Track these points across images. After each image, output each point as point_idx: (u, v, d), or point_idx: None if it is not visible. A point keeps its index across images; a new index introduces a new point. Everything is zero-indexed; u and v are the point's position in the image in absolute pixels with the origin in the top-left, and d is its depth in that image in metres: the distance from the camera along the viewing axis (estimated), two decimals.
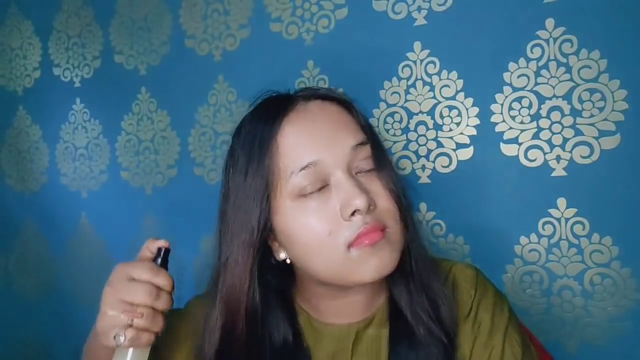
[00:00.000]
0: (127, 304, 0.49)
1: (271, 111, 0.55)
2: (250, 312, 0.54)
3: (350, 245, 0.49)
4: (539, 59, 0.80)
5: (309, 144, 0.52)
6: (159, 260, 0.55)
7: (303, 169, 0.51)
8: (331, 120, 0.54)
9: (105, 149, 1.22)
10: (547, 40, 0.79)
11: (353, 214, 0.49)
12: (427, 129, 0.87)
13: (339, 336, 0.57)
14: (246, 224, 0.52)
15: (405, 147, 0.89)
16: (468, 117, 0.84)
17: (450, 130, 0.86)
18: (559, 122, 0.79)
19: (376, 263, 0.50)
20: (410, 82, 0.88)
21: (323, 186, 0.51)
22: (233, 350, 0.54)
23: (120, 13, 1.19)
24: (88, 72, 1.23)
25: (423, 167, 0.88)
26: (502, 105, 0.82)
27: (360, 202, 0.49)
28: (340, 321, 0.58)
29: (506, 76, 0.82)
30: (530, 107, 0.80)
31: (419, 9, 0.88)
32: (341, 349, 0.57)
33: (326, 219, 0.50)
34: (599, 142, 0.76)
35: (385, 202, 0.52)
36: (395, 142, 0.90)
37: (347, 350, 0.57)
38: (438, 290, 0.55)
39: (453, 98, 0.85)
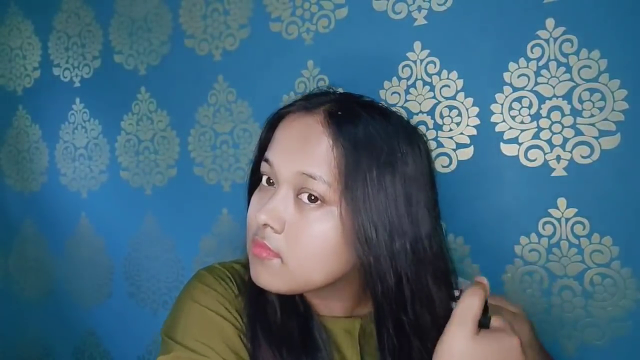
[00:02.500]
0: None
1: (286, 106, 0.57)
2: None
3: (252, 243, 0.53)
4: (539, 59, 0.80)
5: (277, 146, 0.53)
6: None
7: (265, 160, 0.53)
8: (301, 133, 0.52)
9: (105, 149, 1.22)
10: (547, 40, 0.79)
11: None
12: (427, 129, 0.87)
13: (345, 328, 0.58)
14: None
15: None
16: (468, 117, 0.84)
17: (450, 130, 0.86)
18: (559, 122, 0.79)
19: (255, 274, 0.52)
20: (410, 82, 0.88)
21: (274, 183, 0.54)
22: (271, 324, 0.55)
23: (120, 13, 1.19)
24: (88, 72, 1.23)
25: None
26: (502, 105, 0.82)
27: (257, 217, 0.50)
28: (340, 315, 0.58)
29: (506, 76, 0.82)
30: (530, 107, 0.80)
31: (419, 9, 0.88)
32: (349, 342, 0.57)
33: (256, 206, 0.53)
34: (599, 142, 0.76)
35: (294, 238, 0.50)
36: None
37: (355, 343, 0.57)
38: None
39: (453, 98, 0.85)
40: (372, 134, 0.50)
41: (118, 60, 1.19)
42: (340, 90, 0.60)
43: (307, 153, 0.50)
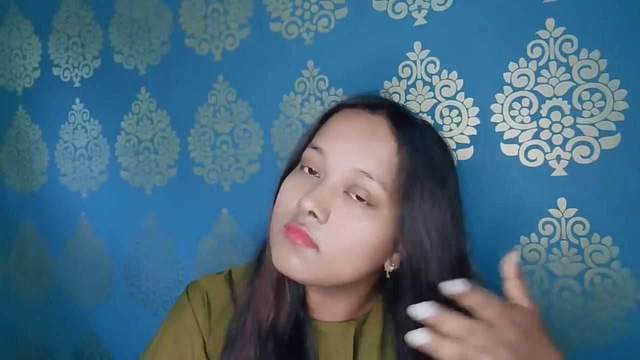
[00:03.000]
0: None
1: (345, 101, 0.57)
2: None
3: (285, 227, 0.51)
4: (539, 59, 0.80)
5: (333, 137, 0.52)
6: None
7: (314, 147, 0.52)
8: (364, 131, 0.51)
9: (105, 149, 1.22)
10: (547, 40, 0.79)
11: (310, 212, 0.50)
12: None
13: (339, 332, 0.58)
14: None
15: None
16: (468, 117, 0.84)
17: (450, 130, 0.86)
18: (559, 122, 0.79)
19: (282, 259, 0.50)
20: (410, 82, 0.88)
21: (318, 174, 0.52)
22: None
23: (120, 13, 1.19)
24: (88, 72, 1.23)
25: None
26: (502, 105, 0.82)
27: (303, 202, 0.49)
28: (336, 319, 0.58)
29: (506, 76, 0.82)
30: (530, 107, 0.80)
31: (419, 8, 0.88)
32: (343, 345, 0.57)
33: (294, 191, 0.51)
34: (599, 142, 0.76)
35: (337, 232, 0.49)
36: None
37: (349, 345, 0.57)
38: None
39: (453, 98, 0.85)
40: (429, 148, 0.52)
41: (118, 60, 1.19)
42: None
43: (369, 152, 0.50)
